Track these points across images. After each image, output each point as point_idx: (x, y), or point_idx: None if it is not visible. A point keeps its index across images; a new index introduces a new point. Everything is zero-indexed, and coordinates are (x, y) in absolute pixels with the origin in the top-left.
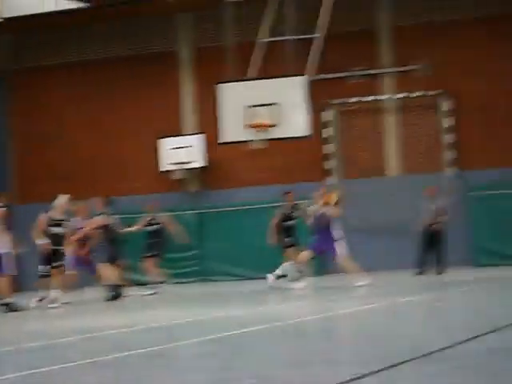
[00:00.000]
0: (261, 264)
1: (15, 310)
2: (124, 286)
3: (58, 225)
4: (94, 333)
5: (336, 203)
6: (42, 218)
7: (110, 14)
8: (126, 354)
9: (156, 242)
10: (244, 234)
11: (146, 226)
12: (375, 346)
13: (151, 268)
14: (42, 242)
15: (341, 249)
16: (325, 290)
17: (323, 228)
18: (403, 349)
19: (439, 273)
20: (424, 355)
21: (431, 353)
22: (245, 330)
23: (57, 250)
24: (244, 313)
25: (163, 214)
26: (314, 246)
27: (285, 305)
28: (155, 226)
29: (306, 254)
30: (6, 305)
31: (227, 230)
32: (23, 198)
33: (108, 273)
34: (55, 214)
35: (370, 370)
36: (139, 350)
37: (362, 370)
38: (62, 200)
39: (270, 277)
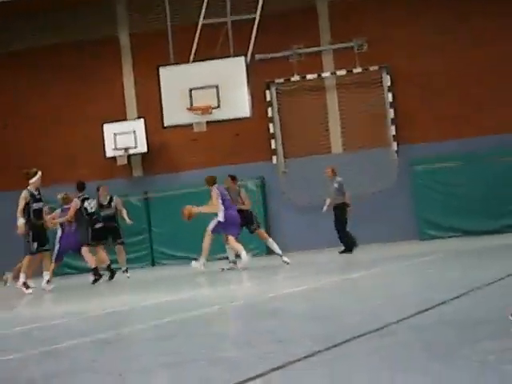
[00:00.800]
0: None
1: None
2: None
3: (39, 200)
4: (42, 322)
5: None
6: (24, 195)
7: (47, 3)
8: (79, 340)
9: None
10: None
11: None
12: (325, 324)
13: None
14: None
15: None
16: (267, 270)
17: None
18: (353, 325)
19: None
20: (372, 331)
21: (379, 328)
22: (195, 313)
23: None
24: (193, 296)
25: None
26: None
27: (233, 286)
28: (111, 210)
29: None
30: None
31: (174, 214)
32: None
33: (89, 256)
34: (33, 190)
35: (320, 347)
36: (90, 337)
37: (314, 347)
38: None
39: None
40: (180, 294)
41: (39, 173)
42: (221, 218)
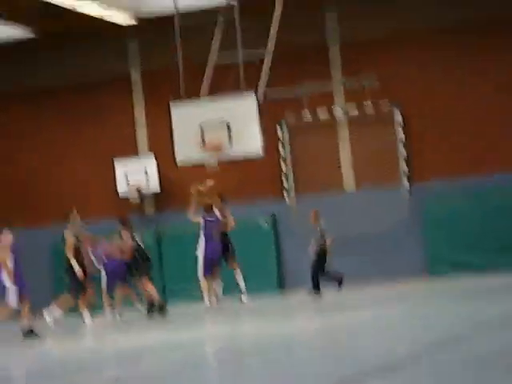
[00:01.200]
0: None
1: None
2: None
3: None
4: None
5: None
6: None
7: (62, 41)
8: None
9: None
10: None
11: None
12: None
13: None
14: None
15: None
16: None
17: None
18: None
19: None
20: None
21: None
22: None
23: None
24: (209, 333)
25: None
26: None
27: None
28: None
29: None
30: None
31: (185, 251)
32: None
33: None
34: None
35: None
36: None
37: None
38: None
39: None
40: (194, 333)
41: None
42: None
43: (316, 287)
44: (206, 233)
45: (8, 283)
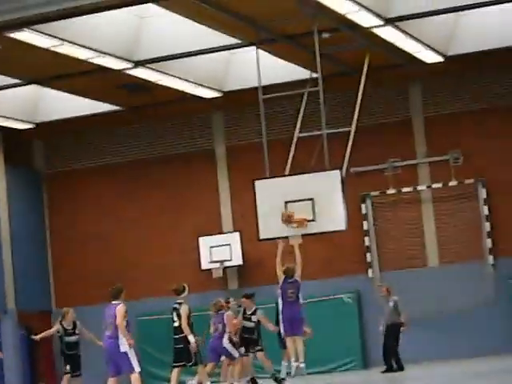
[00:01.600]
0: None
1: None
2: None
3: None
4: None
5: None
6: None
7: (144, 115)
8: None
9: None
10: None
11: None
12: None
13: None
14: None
15: None
16: None
17: None
18: None
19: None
20: None
21: None
22: None
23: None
24: None
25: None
26: None
27: None
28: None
29: None
30: None
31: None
32: (62, 301)
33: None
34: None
35: None
36: None
37: None
38: None
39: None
40: None
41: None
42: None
43: (389, 366)
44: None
45: None
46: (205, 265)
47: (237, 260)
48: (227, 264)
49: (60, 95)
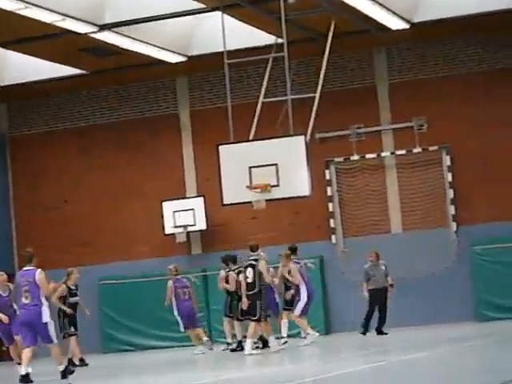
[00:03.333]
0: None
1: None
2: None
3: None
4: None
5: None
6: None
7: (109, 79)
8: None
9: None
10: None
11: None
12: None
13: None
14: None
15: None
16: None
17: None
18: None
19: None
20: None
21: None
22: None
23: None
24: (251, 374)
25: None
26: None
27: (294, 365)
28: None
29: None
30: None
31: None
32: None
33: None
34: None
35: None
36: None
37: None
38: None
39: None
40: (239, 373)
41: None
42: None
43: (366, 329)
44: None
45: None
46: (168, 229)
47: (200, 225)
48: (191, 229)
49: (24, 58)
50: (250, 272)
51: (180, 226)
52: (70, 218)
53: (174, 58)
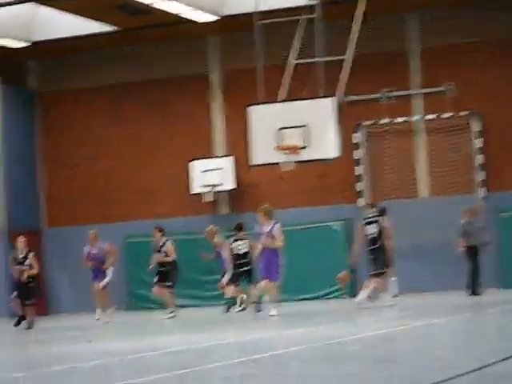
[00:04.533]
0: (292, 286)
1: None
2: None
3: None
4: (121, 356)
5: None
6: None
7: (141, 37)
8: (155, 377)
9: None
10: None
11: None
12: (406, 368)
13: None
14: None
15: None
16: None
17: None
18: (433, 371)
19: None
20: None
21: (460, 375)
22: (277, 352)
23: None
24: (273, 335)
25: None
26: None
27: (318, 327)
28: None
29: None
30: None
31: None
32: (52, 221)
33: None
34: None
35: None
36: (168, 373)
37: None
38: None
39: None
40: (263, 333)
41: None
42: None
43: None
44: None
45: None
46: (195, 189)
47: (229, 185)
48: (218, 188)
49: (56, 14)
50: (371, 228)
51: (208, 186)
52: (96, 175)
53: (205, 18)
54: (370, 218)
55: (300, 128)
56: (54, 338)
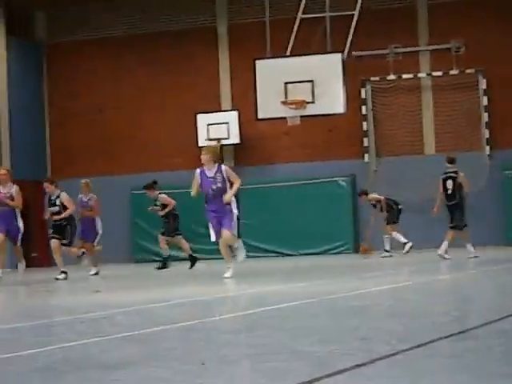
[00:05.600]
0: (297, 240)
1: None
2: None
3: None
4: (128, 307)
5: None
6: None
7: None
8: (161, 328)
9: None
10: (280, 210)
11: None
12: (410, 324)
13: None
14: None
15: None
16: (355, 268)
17: None
18: (437, 326)
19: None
20: (455, 333)
21: (463, 331)
22: (280, 306)
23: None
24: (277, 289)
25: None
26: None
27: (321, 282)
28: None
29: None
30: None
31: (264, 206)
32: (57, 172)
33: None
34: None
35: (403, 346)
36: (174, 325)
37: (397, 346)
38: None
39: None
40: (266, 287)
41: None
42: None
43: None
44: None
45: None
46: (202, 142)
47: (234, 139)
48: (224, 142)
49: None
50: (450, 184)
51: (213, 139)
52: (104, 127)
53: None
54: (448, 173)
55: (307, 83)
56: (59, 289)
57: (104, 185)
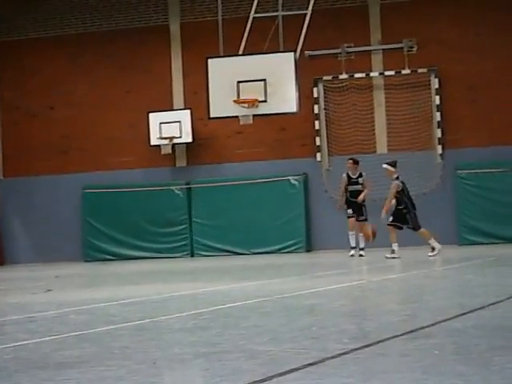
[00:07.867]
0: (249, 239)
1: None
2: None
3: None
4: (80, 306)
5: None
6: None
7: None
8: (114, 326)
9: None
10: (232, 209)
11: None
12: (362, 323)
13: None
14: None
15: None
16: (307, 267)
17: None
18: (389, 325)
19: None
20: (407, 332)
21: (415, 330)
22: (232, 305)
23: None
24: (230, 288)
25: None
26: None
27: (273, 281)
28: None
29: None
30: None
31: (215, 205)
32: (9, 171)
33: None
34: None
35: (355, 345)
36: (126, 324)
37: (349, 345)
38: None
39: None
40: (218, 286)
41: None
42: None
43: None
44: None
45: None
46: (154, 141)
47: (186, 137)
48: (176, 141)
49: None
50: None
51: (165, 138)
52: (54, 125)
53: None
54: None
55: (259, 82)
56: (11, 288)
57: (56, 183)
